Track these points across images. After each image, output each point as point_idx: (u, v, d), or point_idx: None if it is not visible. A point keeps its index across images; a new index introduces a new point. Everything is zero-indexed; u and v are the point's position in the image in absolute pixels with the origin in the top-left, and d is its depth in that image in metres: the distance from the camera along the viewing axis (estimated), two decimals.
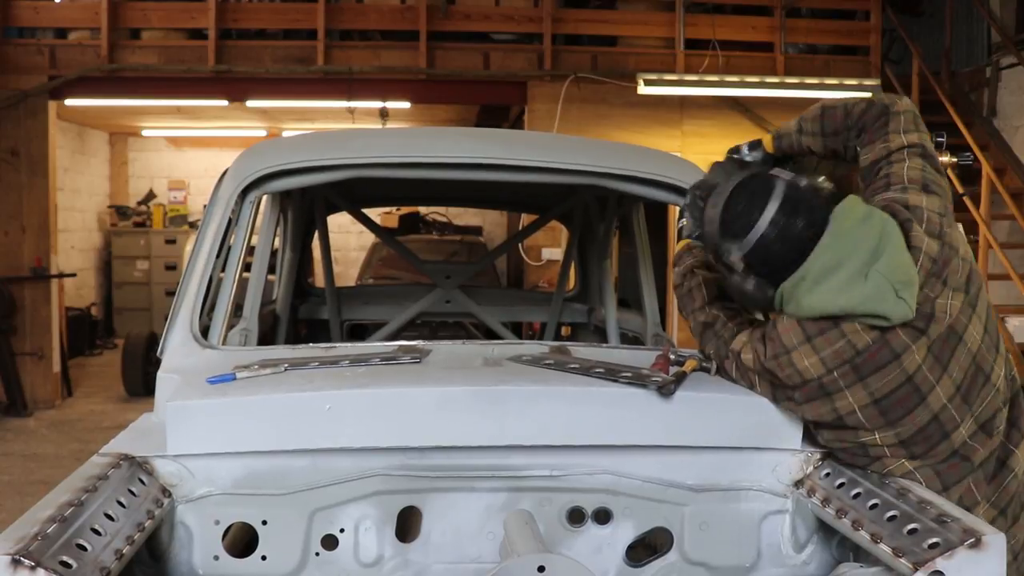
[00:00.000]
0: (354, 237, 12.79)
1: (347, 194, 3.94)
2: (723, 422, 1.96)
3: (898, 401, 1.82)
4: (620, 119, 8.39)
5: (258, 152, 2.47)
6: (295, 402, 1.84)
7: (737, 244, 1.85)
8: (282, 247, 3.89)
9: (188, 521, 1.82)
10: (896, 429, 1.83)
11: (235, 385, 1.91)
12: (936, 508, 1.66)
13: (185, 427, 1.80)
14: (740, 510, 1.99)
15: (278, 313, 3.67)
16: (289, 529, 1.85)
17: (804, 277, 1.79)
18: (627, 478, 1.96)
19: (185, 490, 1.81)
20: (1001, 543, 1.54)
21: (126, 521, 1.58)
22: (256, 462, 1.84)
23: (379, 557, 1.90)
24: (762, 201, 1.84)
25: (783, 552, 1.99)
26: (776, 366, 1.87)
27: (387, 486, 1.88)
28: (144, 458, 1.80)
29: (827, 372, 1.82)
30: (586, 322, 4.35)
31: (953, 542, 1.53)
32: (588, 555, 1.94)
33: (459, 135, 2.62)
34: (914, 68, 8.71)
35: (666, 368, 2.05)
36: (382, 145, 2.45)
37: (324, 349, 2.21)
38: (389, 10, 8.74)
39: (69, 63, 8.29)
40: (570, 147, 2.75)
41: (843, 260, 1.77)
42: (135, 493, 1.68)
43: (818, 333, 1.82)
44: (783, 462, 1.99)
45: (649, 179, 2.52)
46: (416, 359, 2.12)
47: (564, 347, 2.30)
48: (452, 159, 2.39)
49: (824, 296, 1.78)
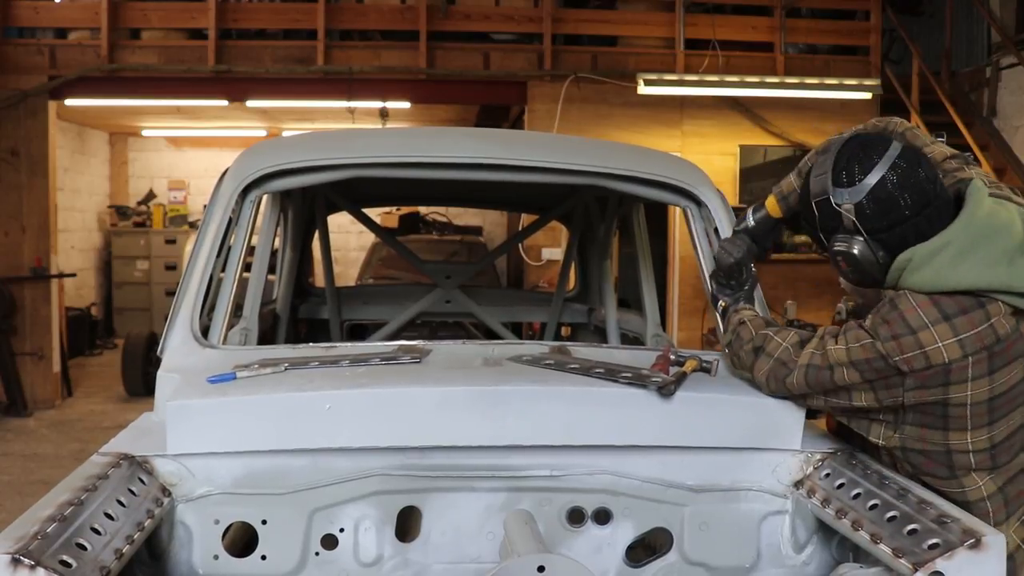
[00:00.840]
0: (354, 237, 12.79)
1: (347, 194, 3.93)
2: (723, 422, 1.96)
3: (1007, 400, 1.70)
4: (620, 119, 8.39)
5: (258, 152, 2.47)
6: (295, 402, 1.84)
7: (851, 190, 1.68)
8: (282, 247, 3.88)
9: (188, 520, 1.82)
10: (992, 432, 1.71)
11: (235, 384, 1.91)
12: (936, 509, 1.66)
13: (185, 426, 1.81)
14: (740, 510, 1.98)
15: (278, 313, 3.67)
16: (289, 529, 1.85)
17: (949, 243, 1.62)
18: (627, 478, 1.96)
19: (185, 489, 1.81)
20: (1001, 544, 1.54)
21: (126, 520, 1.58)
22: (256, 461, 1.84)
23: (379, 557, 1.89)
24: (881, 147, 1.70)
25: (783, 552, 1.99)
26: (895, 348, 1.66)
27: (387, 486, 1.88)
28: (144, 457, 1.80)
29: (963, 357, 1.64)
30: (586, 322, 4.34)
31: (953, 543, 1.53)
32: (588, 555, 1.94)
33: (459, 135, 2.62)
34: (914, 68, 8.71)
35: (666, 368, 2.05)
36: (382, 145, 2.45)
37: (324, 349, 2.21)
38: (389, 10, 8.74)
39: (69, 63, 8.29)
40: (570, 147, 2.75)
41: (997, 233, 1.62)
42: (135, 492, 1.68)
43: (959, 312, 1.63)
44: (783, 463, 1.99)
45: (649, 179, 2.51)
46: (416, 359, 2.11)
47: (564, 347, 2.30)
48: (452, 159, 2.39)
49: (977, 268, 1.60)
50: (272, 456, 1.85)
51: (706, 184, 2.54)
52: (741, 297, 2.23)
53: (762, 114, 8.68)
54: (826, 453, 2.00)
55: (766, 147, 9.07)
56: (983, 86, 8.99)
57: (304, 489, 1.85)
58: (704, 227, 2.50)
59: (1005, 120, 8.71)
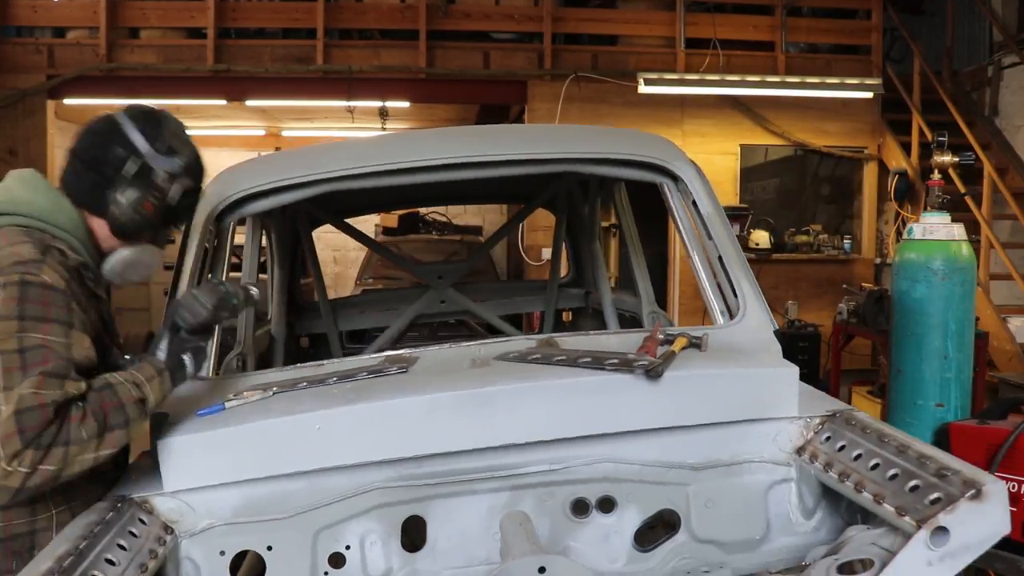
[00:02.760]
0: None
1: (328, 207, 3.91)
2: (716, 397, 1.95)
3: None
4: (620, 118, 8.37)
5: (228, 178, 2.44)
6: (284, 426, 1.83)
7: None
8: (270, 266, 3.87)
9: (194, 555, 1.81)
10: None
11: (224, 415, 1.90)
12: (936, 462, 1.65)
13: (179, 463, 1.79)
14: (744, 483, 1.97)
15: (273, 334, 3.66)
16: (295, 552, 1.84)
17: None
18: (627, 464, 1.95)
19: (187, 525, 1.80)
20: (1002, 491, 1.52)
21: (129, 564, 1.57)
22: (254, 489, 1.83)
23: (388, 570, 1.89)
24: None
25: (792, 521, 1.98)
26: None
27: (387, 498, 1.87)
28: (143, 498, 1.79)
29: None
30: (584, 306, 4.34)
31: (954, 495, 1.52)
32: (597, 545, 1.94)
33: (429, 137, 2.61)
34: (915, 67, 8.68)
35: (654, 350, 2.03)
36: (351, 157, 2.43)
37: (312, 368, 2.19)
38: (389, 9, 8.72)
39: (67, 62, 8.28)
40: (541, 136, 2.74)
41: None
42: (136, 534, 1.67)
43: None
44: (783, 430, 1.98)
45: (622, 159, 2.49)
46: (403, 369, 2.10)
47: (552, 339, 2.29)
48: (422, 162, 2.37)
49: None
50: (269, 482, 1.83)
51: (680, 158, 2.52)
52: None
53: (763, 113, 8.66)
54: (824, 416, 1.99)
55: (767, 147, 9.05)
56: (985, 85, 8.96)
57: (305, 511, 1.84)
58: (683, 201, 2.48)
59: (1007, 119, 8.68)
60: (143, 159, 1.86)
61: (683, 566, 1.95)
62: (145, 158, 1.86)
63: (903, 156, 8.41)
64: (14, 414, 1.47)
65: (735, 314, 2.29)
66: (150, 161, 1.87)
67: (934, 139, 4.77)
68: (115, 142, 1.86)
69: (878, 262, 8.84)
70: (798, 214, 9.36)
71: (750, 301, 2.29)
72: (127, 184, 1.84)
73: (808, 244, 8.89)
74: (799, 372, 2.03)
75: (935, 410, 4.24)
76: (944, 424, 3.98)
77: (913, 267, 4.32)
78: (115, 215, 1.84)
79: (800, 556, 1.91)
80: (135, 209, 1.84)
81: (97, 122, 1.92)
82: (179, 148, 1.93)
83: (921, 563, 1.50)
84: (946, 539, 1.49)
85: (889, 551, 1.56)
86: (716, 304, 2.37)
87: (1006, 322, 6.70)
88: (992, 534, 1.52)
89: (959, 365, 4.26)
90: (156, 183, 1.87)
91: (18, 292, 1.58)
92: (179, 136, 1.96)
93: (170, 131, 1.93)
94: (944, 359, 4.24)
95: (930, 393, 4.26)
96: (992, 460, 3.49)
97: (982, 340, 5.19)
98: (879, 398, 5.62)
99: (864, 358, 8.14)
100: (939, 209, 4.39)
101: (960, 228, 4.34)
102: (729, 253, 2.37)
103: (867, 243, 8.96)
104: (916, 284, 4.29)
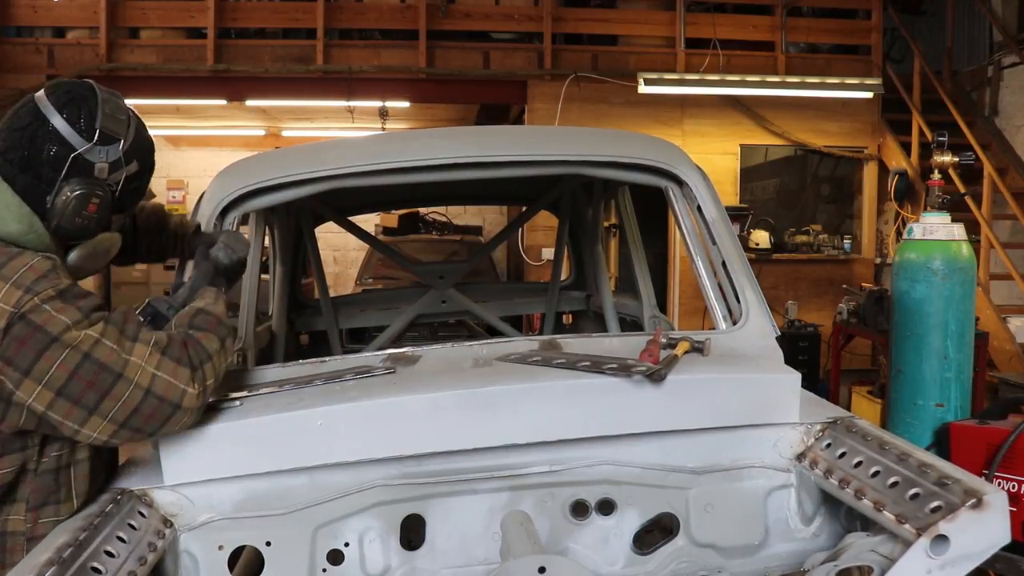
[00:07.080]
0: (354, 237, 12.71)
1: (331, 204, 3.91)
2: (718, 402, 1.95)
3: None
4: (620, 118, 8.37)
5: (233, 172, 2.44)
6: (286, 421, 1.82)
7: None
8: (272, 262, 3.86)
9: (192, 549, 1.80)
10: None
11: (225, 410, 1.89)
12: (937, 470, 1.65)
13: (179, 456, 1.79)
14: (744, 488, 1.98)
15: (274, 330, 3.66)
16: (294, 548, 1.84)
17: None
18: (627, 467, 1.95)
19: (187, 519, 1.80)
20: (1003, 501, 1.52)
21: (128, 556, 1.57)
22: (254, 484, 1.83)
23: (386, 568, 1.89)
24: None
25: (791, 527, 1.98)
26: None
27: (387, 496, 1.87)
28: (142, 490, 1.78)
29: None
30: (585, 309, 4.33)
31: (955, 504, 1.52)
32: (596, 547, 1.94)
33: (433, 136, 2.60)
34: (915, 67, 8.69)
35: (656, 354, 2.03)
36: (355, 154, 2.42)
37: (315, 364, 2.19)
38: (389, 9, 8.72)
39: (67, 62, 8.28)
40: (546, 138, 2.73)
41: None
42: (135, 527, 1.67)
43: None
44: (783, 436, 1.98)
45: (627, 163, 2.47)
46: (406, 366, 2.10)
47: (554, 341, 2.29)
48: (427, 161, 2.36)
49: None
50: (270, 477, 1.83)
51: (685, 163, 2.51)
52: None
53: (763, 113, 8.66)
54: (826, 423, 1.98)
55: (767, 146, 9.06)
56: (985, 85, 8.97)
57: (305, 507, 1.84)
58: (687, 206, 2.48)
59: (1007, 119, 8.69)
60: (75, 151, 1.60)
61: (681, 570, 1.96)
62: (78, 150, 1.61)
63: (903, 156, 8.41)
64: (162, 353, 1.60)
65: (738, 319, 2.29)
66: (85, 154, 1.61)
67: (934, 139, 4.77)
68: (40, 137, 1.60)
69: (878, 262, 8.85)
70: (798, 214, 9.36)
71: (753, 306, 2.29)
72: (63, 185, 1.60)
73: (808, 244, 8.90)
74: (800, 377, 2.03)
75: (935, 410, 4.24)
76: (944, 424, 3.98)
77: (913, 267, 4.32)
78: (59, 224, 1.62)
79: (799, 562, 1.92)
80: (77, 214, 1.62)
81: (18, 112, 1.64)
82: (116, 130, 1.66)
83: (921, 571, 1.50)
84: (946, 547, 1.49)
85: (888, 558, 1.56)
86: (719, 309, 2.36)
87: (1006, 322, 6.70)
88: (992, 543, 1.52)
89: (959, 365, 4.26)
90: (96, 178, 1.63)
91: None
92: (113, 116, 1.66)
93: (103, 112, 1.64)
94: (944, 359, 4.24)
95: (930, 393, 4.26)
96: (992, 460, 3.49)
97: (982, 340, 5.19)
98: (879, 398, 5.62)
99: (864, 358, 8.14)
100: (939, 209, 4.39)
101: (960, 228, 4.34)
102: (733, 259, 2.36)
103: (867, 243, 8.97)
104: (916, 284, 4.29)
